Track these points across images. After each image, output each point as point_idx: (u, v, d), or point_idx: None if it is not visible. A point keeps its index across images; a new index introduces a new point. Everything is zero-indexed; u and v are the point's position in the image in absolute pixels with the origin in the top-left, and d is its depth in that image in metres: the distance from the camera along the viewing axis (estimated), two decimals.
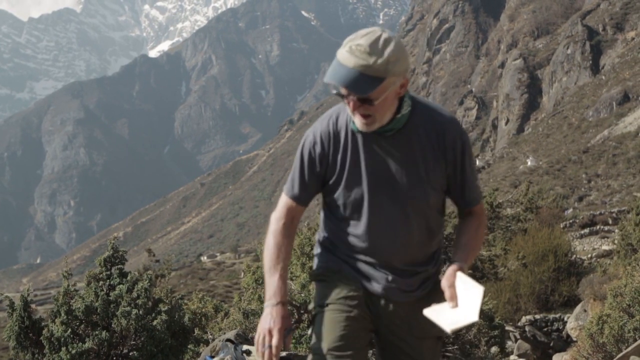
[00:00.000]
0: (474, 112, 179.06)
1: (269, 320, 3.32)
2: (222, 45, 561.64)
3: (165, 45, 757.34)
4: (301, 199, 3.56)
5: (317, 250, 3.74)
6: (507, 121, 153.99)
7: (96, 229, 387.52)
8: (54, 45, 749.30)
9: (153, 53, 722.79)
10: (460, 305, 3.23)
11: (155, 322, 8.03)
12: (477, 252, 3.65)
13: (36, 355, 8.43)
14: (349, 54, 3.15)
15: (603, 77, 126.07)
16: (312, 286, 9.23)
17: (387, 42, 3.17)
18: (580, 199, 73.43)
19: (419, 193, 3.44)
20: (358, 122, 3.28)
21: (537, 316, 24.25)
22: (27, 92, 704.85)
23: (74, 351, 7.79)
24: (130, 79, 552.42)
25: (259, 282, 11.79)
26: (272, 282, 3.42)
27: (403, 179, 3.42)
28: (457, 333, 10.91)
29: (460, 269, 3.40)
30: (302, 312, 9.48)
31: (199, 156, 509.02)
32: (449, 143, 3.41)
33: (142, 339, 7.99)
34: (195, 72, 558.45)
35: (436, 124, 3.39)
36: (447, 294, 3.31)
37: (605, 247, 35.46)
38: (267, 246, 3.52)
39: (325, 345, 3.40)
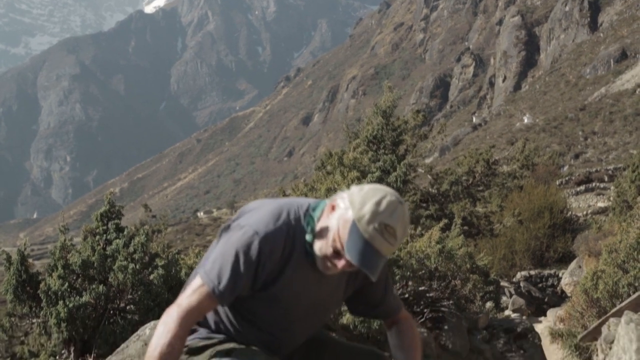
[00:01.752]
0: (471, 69, 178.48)
1: None
2: (218, 1, 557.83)
3: (161, 1, 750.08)
4: (225, 301, 3.12)
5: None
6: (504, 78, 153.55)
7: (92, 184, 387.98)
8: (49, 0, 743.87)
9: (149, 9, 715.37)
10: None
11: (152, 277, 8.07)
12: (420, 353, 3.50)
13: (33, 309, 8.47)
14: (383, 239, 2.94)
15: (601, 35, 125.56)
16: None
17: (407, 222, 3.00)
18: (577, 157, 73.52)
19: (335, 308, 3.46)
20: (323, 265, 3.11)
21: (532, 272, 24.43)
22: (23, 47, 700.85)
23: (71, 305, 7.82)
24: (126, 34, 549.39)
25: None
26: None
27: (327, 303, 3.36)
28: (453, 288, 10.98)
29: None
30: None
31: (195, 112, 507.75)
32: (363, 277, 3.34)
33: (139, 293, 8.03)
34: (192, 28, 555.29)
35: None
36: None
37: (600, 204, 35.63)
38: (159, 343, 2.97)
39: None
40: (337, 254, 3.04)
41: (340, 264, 3.02)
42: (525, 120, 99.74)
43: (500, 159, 23.59)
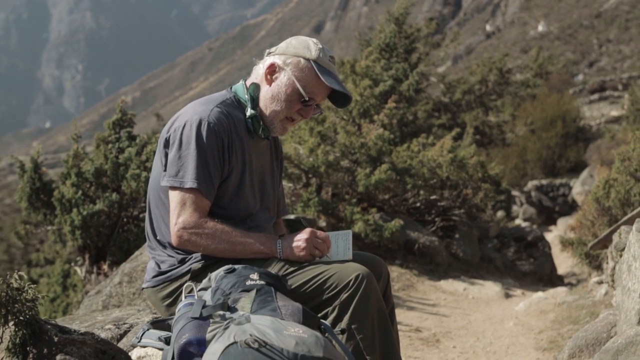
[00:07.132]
0: None
1: (297, 238, 3.12)
2: None
3: None
4: (211, 194, 3.17)
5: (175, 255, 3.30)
6: None
7: (104, 93, 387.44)
8: None
9: None
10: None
11: None
12: None
13: (48, 217, 8.55)
14: (335, 66, 3.35)
15: None
16: (320, 150, 9.26)
17: None
18: (591, 65, 72.79)
19: (275, 187, 3.58)
20: (282, 128, 3.34)
21: (544, 181, 24.48)
22: None
23: (85, 212, 7.88)
24: None
25: None
26: (257, 236, 3.14)
27: (273, 178, 3.54)
28: (465, 197, 11.03)
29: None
30: (310, 175, 9.55)
31: (206, 20, 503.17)
32: (280, 155, 3.65)
33: None
34: None
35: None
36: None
37: (614, 113, 35.45)
38: (215, 237, 3.10)
39: None
40: (303, 104, 3.28)
41: (309, 110, 3.32)
42: (540, 28, 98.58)
43: (513, 67, 23.41)
